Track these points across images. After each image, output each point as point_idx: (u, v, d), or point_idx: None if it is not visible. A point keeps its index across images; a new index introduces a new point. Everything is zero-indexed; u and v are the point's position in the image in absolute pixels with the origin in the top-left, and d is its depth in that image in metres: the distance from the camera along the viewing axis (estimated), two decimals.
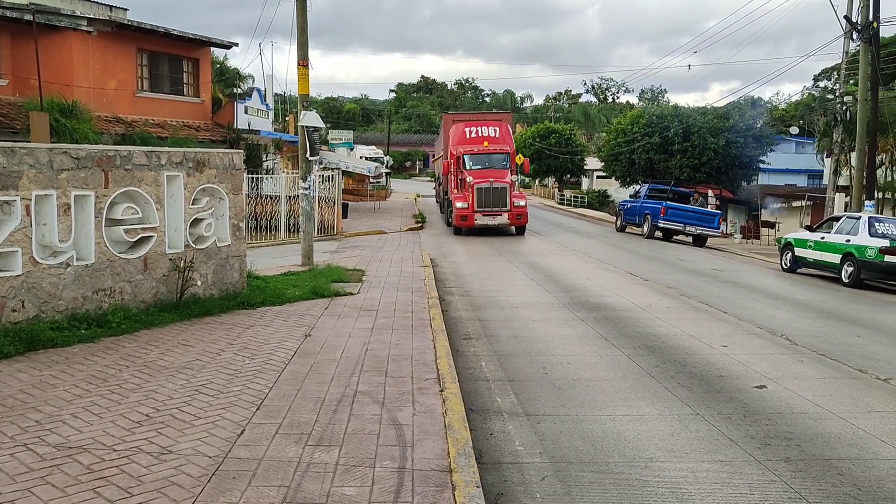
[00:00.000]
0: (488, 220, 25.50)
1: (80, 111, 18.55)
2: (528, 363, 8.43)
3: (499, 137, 28.27)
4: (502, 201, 25.72)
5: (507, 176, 26.32)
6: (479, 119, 31.69)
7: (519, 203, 26.31)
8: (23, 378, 6.76)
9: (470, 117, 33.53)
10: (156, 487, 4.49)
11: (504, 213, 25.67)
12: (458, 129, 29.00)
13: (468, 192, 25.62)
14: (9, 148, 7.99)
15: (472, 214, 25.46)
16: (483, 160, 26.92)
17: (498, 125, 29.31)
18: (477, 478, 4.77)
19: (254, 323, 9.57)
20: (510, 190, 25.92)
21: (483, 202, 25.48)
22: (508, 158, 27.37)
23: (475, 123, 29.51)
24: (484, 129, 28.63)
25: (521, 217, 26.24)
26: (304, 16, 15.82)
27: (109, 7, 26.05)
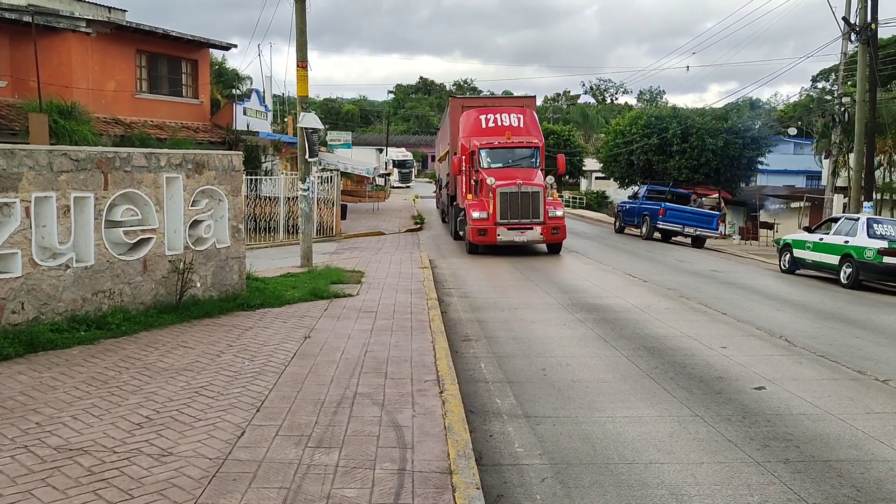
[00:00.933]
0: (515, 236, 19.87)
1: (79, 113, 18.55)
2: (527, 365, 8.44)
3: (523, 127, 22.38)
4: (534, 210, 19.84)
5: (538, 176, 20.76)
6: (497, 105, 24.58)
7: (555, 213, 20.23)
8: (23, 380, 6.76)
9: (484, 102, 26.48)
10: (156, 489, 4.50)
11: (536, 225, 19.89)
12: (469, 117, 22.99)
13: (488, 198, 19.92)
14: (8, 150, 8.00)
15: (493, 228, 19.72)
16: (505, 156, 21.29)
17: (521, 112, 23.02)
18: (477, 479, 4.78)
19: (253, 324, 9.58)
20: (543, 195, 19.98)
21: (509, 211, 19.71)
22: (538, 154, 21.51)
23: (492, 110, 23.04)
24: (504, 116, 22.56)
25: (558, 231, 20.26)
26: (303, 17, 15.83)
27: (108, 8, 26.04)
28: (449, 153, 25.68)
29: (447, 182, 27.19)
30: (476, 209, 20.12)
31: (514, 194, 19.81)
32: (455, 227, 24.36)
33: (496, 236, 19.81)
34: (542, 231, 19.99)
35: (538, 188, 20.02)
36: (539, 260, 19.58)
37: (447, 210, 28.71)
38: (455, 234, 24.37)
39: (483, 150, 21.14)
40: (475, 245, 20.40)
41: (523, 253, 20.77)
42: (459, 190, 23.29)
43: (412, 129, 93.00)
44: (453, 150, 24.32)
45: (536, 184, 20.15)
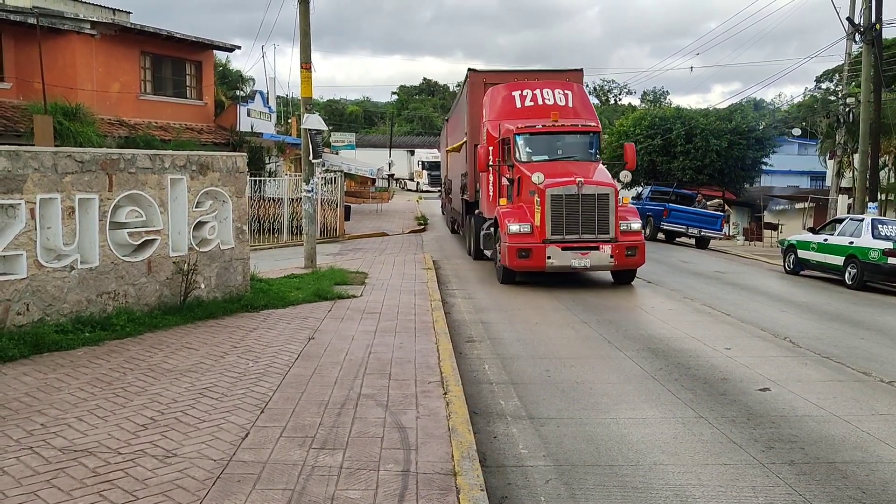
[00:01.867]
0: (573, 259, 13.84)
1: (83, 114, 18.60)
2: (531, 366, 8.43)
3: (572, 107, 16.66)
4: (601, 222, 13.98)
5: (603, 173, 14.96)
6: (535, 79, 18.05)
7: (630, 225, 14.35)
8: (28, 381, 6.78)
9: (515, 76, 18.85)
10: (161, 490, 4.51)
11: (603, 244, 13.88)
12: (497, 95, 17.11)
13: (531, 203, 14.31)
14: (13, 151, 8.02)
15: (540, 248, 13.84)
16: (552, 145, 15.65)
17: (566, 87, 17.22)
18: (481, 481, 4.77)
19: (257, 326, 9.59)
20: (615, 200, 14.12)
21: (564, 223, 13.88)
22: (597, 142, 15.94)
23: (529, 85, 17.10)
24: (546, 93, 16.85)
25: (635, 253, 14.20)
26: (306, 19, 15.85)
27: (112, 10, 26.13)
28: (466, 146, 19.31)
29: (463, 183, 20.74)
30: (514, 220, 14.23)
31: (571, 198, 13.86)
32: (474, 243, 18.38)
33: (545, 259, 13.75)
34: (613, 252, 13.88)
35: (607, 189, 14.07)
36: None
37: (461, 220, 22.48)
38: (475, 251, 18.38)
39: (521, 136, 15.31)
40: (511, 272, 14.42)
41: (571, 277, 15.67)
42: (484, 192, 17.38)
43: (416, 131, 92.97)
44: (473, 141, 18.14)
45: (603, 182, 14.29)
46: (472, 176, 18.85)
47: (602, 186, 14.19)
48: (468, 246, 20.18)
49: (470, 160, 18.44)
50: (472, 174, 18.62)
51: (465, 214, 21.30)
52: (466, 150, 19.38)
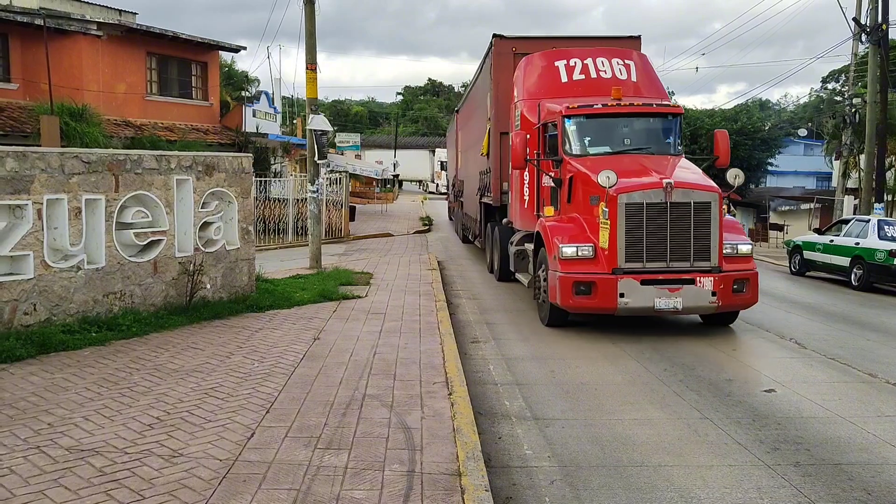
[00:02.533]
0: (659, 298, 9.72)
1: (89, 115, 18.67)
2: (536, 366, 8.43)
3: (636, 82, 12.81)
4: (700, 242, 9.86)
5: (691, 170, 10.85)
6: (583, 46, 13.80)
7: (738, 247, 10.33)
8: (35, 381, 6.81)
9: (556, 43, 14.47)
10: (167, 490, 4.53)
11: (703, 274, 9.79)
12: (535, 66, 13.11)
13: (592, 213, 10.28)
14: (21, 152, 8.07)
15: (609, 280, 9.73)
16: (617, 133, 11.54)
17: (627, 56, 13.15)
18: (486, 482, 4.78)
19: (263, 326, 9.61)
20: (719, 209, 9.90)
21: (646, 244, 9.79)
22: (677, 129, 11.72)
23: (577, 52, 13.07)
24: (602, 63, 12.84)
25: (744, 287, 10.07)
26: (312, 20, 15.89)
27: (119, 11, 26.22)
28: (489, 135, 15.10)
29: (484, 184, 16.52)
30: (567, 238, 10.12)
31: (656, 208, 9.62)
32: (500, 260, 14.75)
33: (615, 298, 9.59)
34: (716, 287, 9.64)
35: (708, 194, 9.79)
36: None
37: (478, 228, 18.49)
38: (501, 270, 14.71)
39: (572, 119, 11.17)
40: (562, 313, 10.30)
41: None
42: (516, 196, 13.31)
43: (421, 131, 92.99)
44: (499, 128, 14.46)
45: (701, 184, 10.00)
46: (496, 174, 14.73)
47: (701, 190, 9.73)
48: (489, 262, 16.25)
49: (495, 153, 14.58)
50: (498, 171, 14.64)
51: (483, 222, 17.26)
52: (490, 141, 15.10)
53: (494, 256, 15.64)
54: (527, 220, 12.57)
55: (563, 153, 11.18)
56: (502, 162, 14.28)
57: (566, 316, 10.46)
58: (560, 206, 11.12)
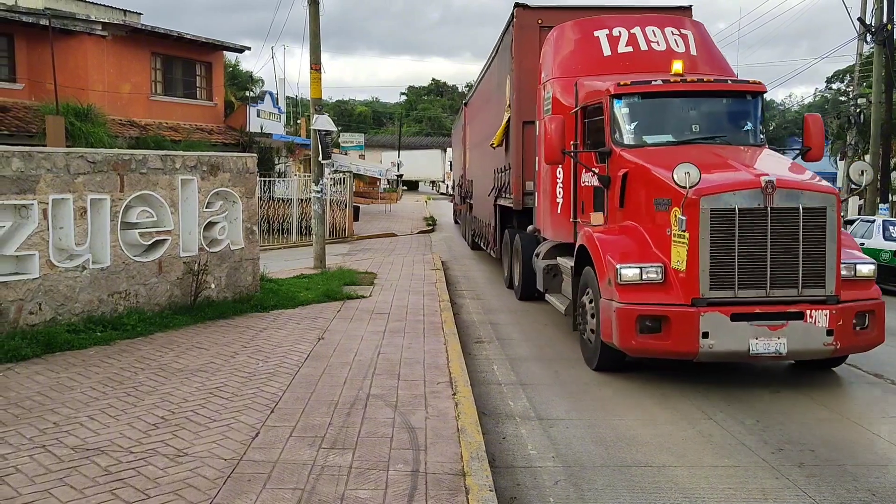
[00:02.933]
0: (757, 341, 7.00)
1: (94, 115, 18.74)
2: (540, 367, 8.43)
3: (697, 56, 10.25)
4: (812, 262, 7.11)
5: (791, 165, 8.33)
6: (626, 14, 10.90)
7: (859, 266, 7.65)
8: (40, 380, 6.84)
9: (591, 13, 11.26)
10: (172, 490, 4.54)
11: (813, 305, 7.09)
12: (568, 37, 10.67)
13: (661, 224, 7.57)
14: (27, 152, 8.10)
15: (689, 315, 7.01)
16: (683, 117, 8.93)
17: (681, 25, 10.66)
18: (490, 482, 4.78)
19: (267, 326, 9.63)
20: (837, 219, 7.16)
21: (738, 265, 7.06)
22: (758, 113, 9.13)
23: (621, 21, 10.44)
24: (653, 32, 10.31)
25: (869, 322, 7.48)
26: (316, 20, 15.91)
27: (124, 12, 26.28)
28: (510, 126, 12.99)
29: (503, 183, 14.22)
30: (626, 255, 7.69)
31: (753, 215, 7.14)
32: (522, 275, 12.55)
33: (696, 339, 7.06)
34: (833, 321, 7.17)
35: (824, 196, 7.31)
36: None
37: (492, 235, 16.07)
38: (523, 286, 12.57)
39: (623, 100, 8.81)
40: (617, 355, 7.82)
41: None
42: (546, 197, 10.73)
43: (424, 131, 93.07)
44: (521, 115, 12.27)
45: (812, 184, 7.48)
46: (517, 171, 12.51)
47: (813, 192, 7.25)
48: (507, 276, 14.07)
49: (517, 147, 12.42)
50: (519, 168, 12.43)
51: (498, 228, 15.03)
52: (510, 132, 12.90)
53: (515, 270, 13.14)
54: (560, 228, 10.12)
55: (611, 143, 8.57)
56: (525, 157, 12.21)
57: (622, 358, 7.78)
58: (608, 212, 8.54)
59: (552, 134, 8.81)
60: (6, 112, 19.06)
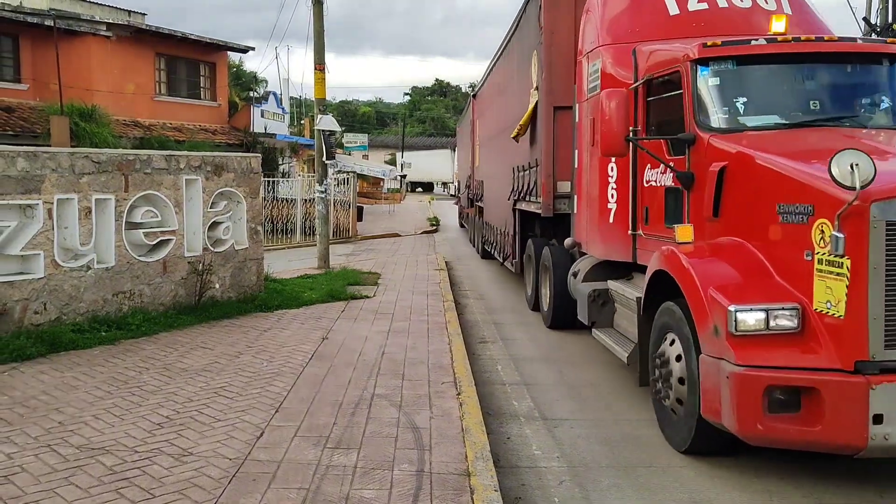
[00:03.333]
0: None
1: (99, 115, 18.81)
2: (544, 367, 8.42)
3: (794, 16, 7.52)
4: None
5: None
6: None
7: None
8: (45, 379, 6.85)
9: None
10: (177, 489, 4.54)
11: None
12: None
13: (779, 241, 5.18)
14: (31, 152, 8.12)
15: (852, 388, 4.51)
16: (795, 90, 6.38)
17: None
18: (495, 482, 4.77)
19: (271, 326, 9.63)
20: None
21: None
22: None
23: None
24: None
25: None
26: (320, 21, 15.93)
27: (128, 12, 26.36)
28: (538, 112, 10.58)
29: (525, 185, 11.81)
30: (739, 290, 5.12)
31: None
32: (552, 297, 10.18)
33: (863, 422, 4.49)
34: None
35: None
36: None
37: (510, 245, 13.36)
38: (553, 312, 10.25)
39: (713, 66, 6.31)
40: (722, 438, 5.28)
41: None
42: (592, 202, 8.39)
43: (428, 132, 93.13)
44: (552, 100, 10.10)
45: None
46: (547, 168, 10.12)
47: None
48: (531, 296, 11.55)
49: (547, 138, 10.01)
50: (550, 165, 10.08)
51: (518, 238, 12.64)
52: (538, 120, 10.44)
53: (544, 292, 10.64)
54: (612, 243, 7.66)
55: (695, 127, 6.23)
56: (557, 150, 9.93)
57: (730, 443, 5.32)
58: (691, 222, 6.14)
59: (612, 114, 6.36)
60: (11, 112, 19.12)
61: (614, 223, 7.63)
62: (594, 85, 8.04)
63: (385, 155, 66.94)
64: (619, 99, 6.45)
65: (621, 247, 7.53)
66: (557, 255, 10.10)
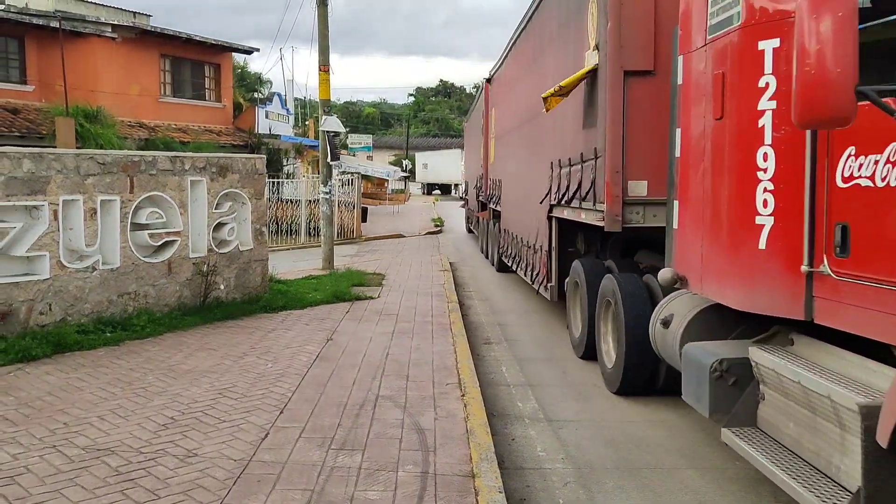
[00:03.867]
0: None
1: (104, 116, 18.86)
2: (548, 368, 8.41)
3: None
4: None
5: None
6: None
7: None
8: (50, 380, 6.87)
9: None
10: (182, 490, 4.55)
11: None
12: None
13: None
14: (37, 154, 8.14)
15: None
16: None
17: None
18: (500, 483, 4.77)
19: (276, 327, 9.64)
20: None
21: None
22: None
23: None
24: None
25: None
26: (325, 22, 15.94)
27: (133, 13, 26.43)
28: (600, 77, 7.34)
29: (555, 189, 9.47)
30: None
31: None
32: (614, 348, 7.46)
33: None
34: None
35: None
36: None
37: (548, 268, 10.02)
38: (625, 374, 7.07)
39: None
40: None
41: None
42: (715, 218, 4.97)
43: (432, 132, 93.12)
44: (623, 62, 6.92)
45: None
46: (613, 160, 7.03)
47: None
48: (581, 337, 8.67)
49: (613, 115, 7.01)
50: (617, 154, 7.02)
51: (554, 253, 9.69)
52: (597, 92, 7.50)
53: (604, 338, 7.82)
54: (763, 283, 4.61)
55: None
56: (630, 134, 6.95)
57: None
58: None
59: (828, 43, 3.37)
60: (17, 114, 19.18)
61: (769, 251, 4.53)
62: (727, 17, 4.87)
63: (389, 156, 66.86)
64: (843, 12, 3.37)
65: (779, 292, 4.46)
66: (628, 286, 7.12)
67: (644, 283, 7.14)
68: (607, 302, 7.61)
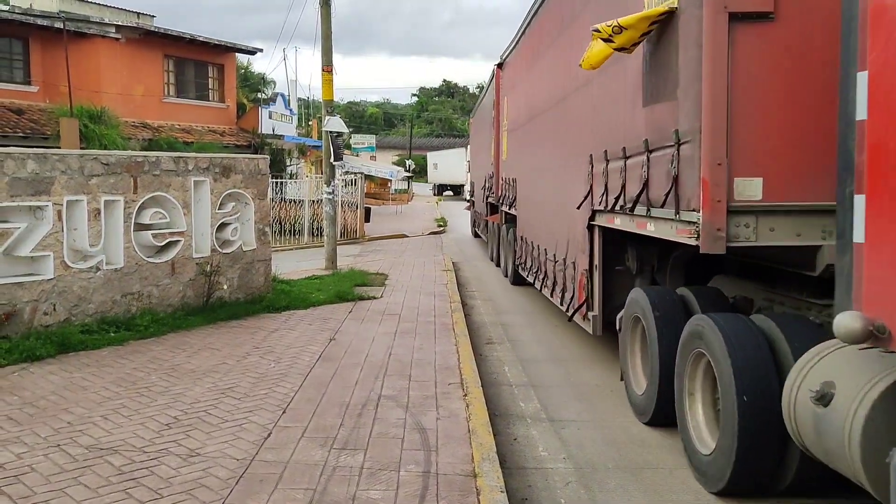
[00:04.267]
0: None
1: (108, 117, 18.91)
2: (551, 368, 8.42)
3: None
4: None
5: None
6: None
7: None
8: (54, 380, 6.90)
9: None
10: (185, 489, 4.57)
11: None
12: None
13: None
14: (41, 154, 8.17)
15: None
16: None
17: None
18: (501, 483, 4.78)
19: (279, 327, 9.66)
20: None
21: None
22: None
23: None
24: None
25: None
26: (328, 22, 15.97)
27: (137, 14, 26.50)
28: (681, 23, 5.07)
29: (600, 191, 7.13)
30: None
31: None
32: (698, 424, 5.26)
33: None
34: None
35: None
36: None
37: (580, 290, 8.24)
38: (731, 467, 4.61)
39: None
40: None
41: None
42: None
43: (435, 133, 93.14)
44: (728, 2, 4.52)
45: None
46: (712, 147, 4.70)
47: None
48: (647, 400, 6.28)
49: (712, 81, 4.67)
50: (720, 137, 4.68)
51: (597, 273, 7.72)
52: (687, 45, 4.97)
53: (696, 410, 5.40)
54: None
55: None
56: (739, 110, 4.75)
57: None
58: None
59: None
60: (21, 114, 19.25)
61: None
62: None
63: (393, 156, 66.84)
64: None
65: None
66: (736, 334, 4.80)
67: (757, 330, 4.80)
68: (698, 353, 5.23)
